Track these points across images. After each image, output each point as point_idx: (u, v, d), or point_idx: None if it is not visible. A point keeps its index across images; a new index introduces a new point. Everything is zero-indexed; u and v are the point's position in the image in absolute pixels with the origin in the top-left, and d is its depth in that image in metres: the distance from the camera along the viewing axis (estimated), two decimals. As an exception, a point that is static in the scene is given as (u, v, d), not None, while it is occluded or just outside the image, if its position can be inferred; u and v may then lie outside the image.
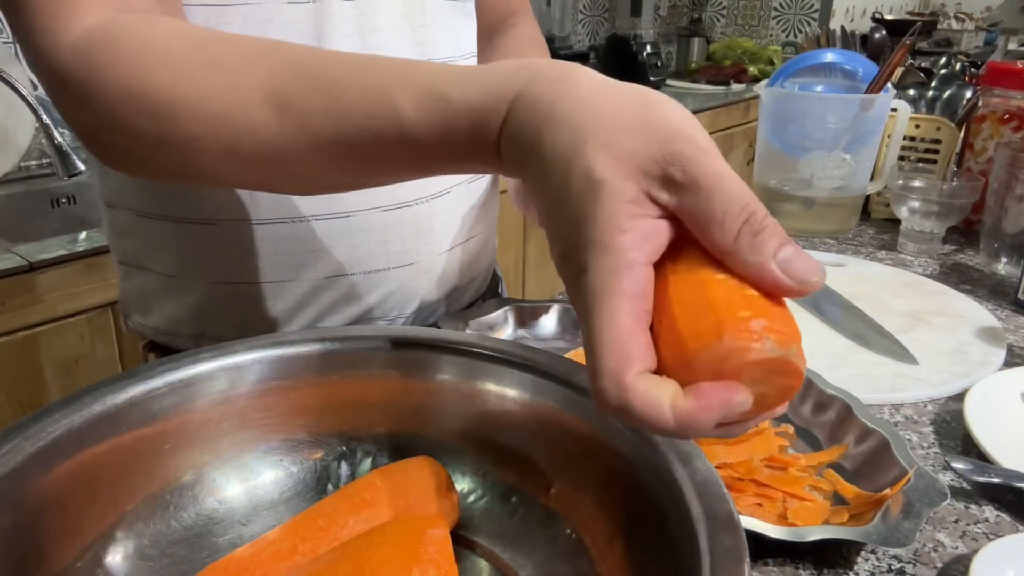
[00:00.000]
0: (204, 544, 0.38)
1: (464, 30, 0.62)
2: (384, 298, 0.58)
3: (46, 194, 1.47)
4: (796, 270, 0.27)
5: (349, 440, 0.43)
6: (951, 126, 0.98)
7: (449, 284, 0.63)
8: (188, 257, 0.56)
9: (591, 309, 0.27)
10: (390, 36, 0.55)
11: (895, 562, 0.43)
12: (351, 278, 0.56)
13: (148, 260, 0.58)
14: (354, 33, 0.53)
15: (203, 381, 0.40)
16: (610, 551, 0.35)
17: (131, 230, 0.58)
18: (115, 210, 0.58)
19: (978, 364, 0.65)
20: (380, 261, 0.57)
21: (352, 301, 0.57)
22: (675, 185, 0.27)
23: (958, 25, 3.85)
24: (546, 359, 0.41)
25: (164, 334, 0.60)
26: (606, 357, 0.26)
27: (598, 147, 0.28)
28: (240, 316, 0.57)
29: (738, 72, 2.85)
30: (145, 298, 0.60)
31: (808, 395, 0.56)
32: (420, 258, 0.59)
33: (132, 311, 0.62)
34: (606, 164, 0.28)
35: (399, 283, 0.58)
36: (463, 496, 0.41)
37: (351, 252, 0.56)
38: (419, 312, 0.62)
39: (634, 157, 0.28)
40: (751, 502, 0.46)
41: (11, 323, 1.09)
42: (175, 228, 0.55)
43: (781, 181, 0.99)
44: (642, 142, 0.28)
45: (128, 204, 0.56)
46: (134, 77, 0.38)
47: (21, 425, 0.34)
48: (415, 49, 0.56)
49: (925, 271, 0.87)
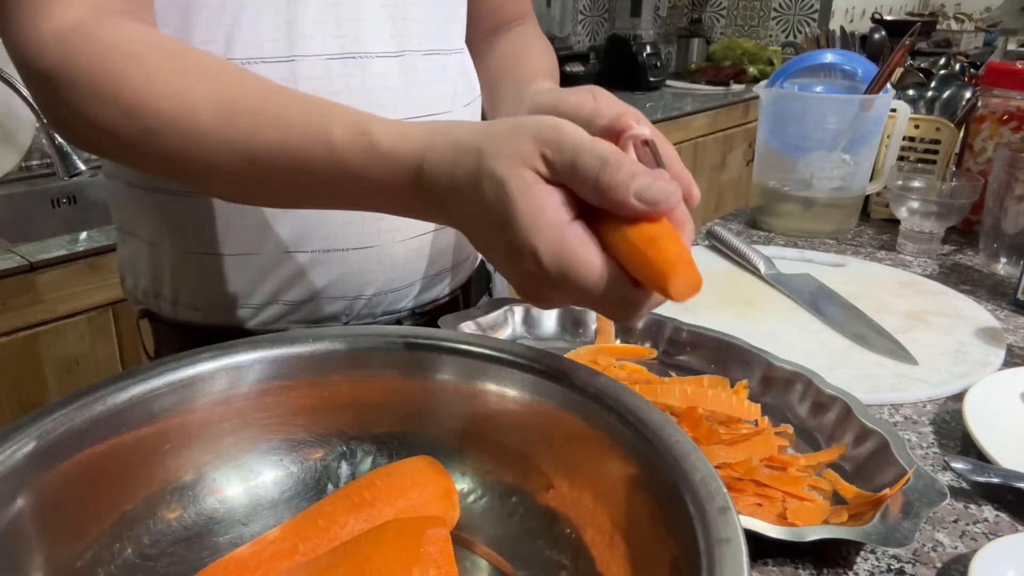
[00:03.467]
0: (204, 544, 0.38)
1: (450, 25, 0.62)
2: (342, 277, 0.60)
3: (47, 194, 1.47)
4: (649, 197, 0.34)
5: (349, 440, 0.43)
6: (950, 126, 0.98)
7: (418, 271, 0.64)
8: (164, 226, 0.59)
9: (566, 271, 0.34)
10: (369, 26, 0.56)
11: (894, 562, 0.43)
12: (310, 255, 0.58)
13: (136, 227, 0.62)
14: (328, 20, 0.54)
15: (203, 381, 0.40)
16: (610, 551, 0.35)
17: (123, 199, 0.62)
18: (112, 180, 0.62)
19: (978, 364, 0.65)
20: (339, 241, 0.58)
21: (310, 277, 0.59)
22: (552, 163, 0.35)
23: (957, 25, 3.85)
24: (546, 359, 0.41)
25: (151, 297, 0.63)
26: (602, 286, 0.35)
27: (492, 157, 0.36)
28: (206, 285, 0.59)
29: (738, 72, 2.85)
30: (135, 261, 0.63)
31: (808, 395, 0.56)
32: (381, 242, 0.59)
33: (126, 273, 0.66)
34: (502, 165, 0.35)
35: (358, 264, 0.59)
36: (463, 496, 0.41)
37: (309, 228, 0.57)
38: (383, 295, 0.62)
39: (518, 153, 0.35)
40: (751, 502, 0.46)
41: (11, 323, 1.10)
42: (155, 198, 0.58)
43: (781, 181, 0.99)
44: (519, 142, 0.36)
45: (121, 175, 0.60)
46: (102, 71, 0.43)
47: (21, 425, 0.34)
48: (395, 41, 0.57)
49: (925, 271, 0.87)
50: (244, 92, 0.43)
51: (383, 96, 0.56)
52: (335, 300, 0.60)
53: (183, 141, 0.42)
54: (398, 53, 0.57)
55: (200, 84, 0.43)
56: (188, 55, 0.44)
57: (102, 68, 0.42)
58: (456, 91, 0.62)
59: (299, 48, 0.53)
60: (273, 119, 0.42)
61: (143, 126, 0.42)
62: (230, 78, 0.43)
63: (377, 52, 0.56)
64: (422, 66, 0.59)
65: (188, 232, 0.58)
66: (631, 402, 0.37)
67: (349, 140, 0.40)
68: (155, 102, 0.42)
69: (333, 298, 0.60)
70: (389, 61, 0.57)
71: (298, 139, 0.41)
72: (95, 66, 0.42)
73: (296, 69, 0.53)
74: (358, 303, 0.61)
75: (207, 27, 0.52)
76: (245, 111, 0.42)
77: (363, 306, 0.61)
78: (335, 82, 0.54)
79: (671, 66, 3.18)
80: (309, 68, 0.54)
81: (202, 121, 0.42)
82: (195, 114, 0.42)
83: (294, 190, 0.43)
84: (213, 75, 0.43)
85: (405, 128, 0.40)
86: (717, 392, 0.54)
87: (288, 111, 0.42)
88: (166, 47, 0.44)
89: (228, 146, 0.42)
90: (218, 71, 0.44)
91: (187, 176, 0.46)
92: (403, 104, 0.58)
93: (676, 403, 0.53)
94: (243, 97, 0.42)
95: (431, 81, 0.60)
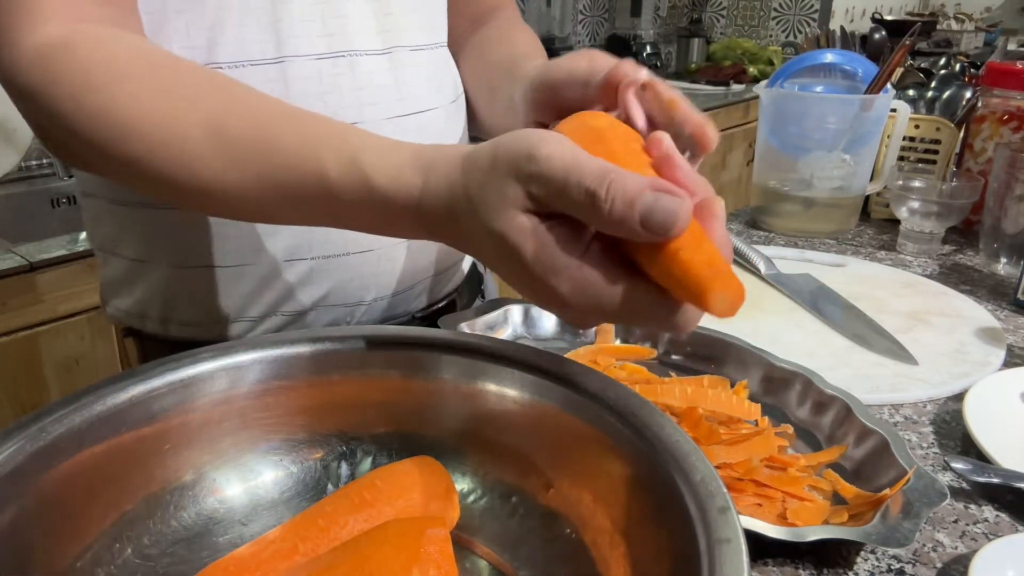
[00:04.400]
0: (204, 544, 0.38)
1: (434, 18, 0.62)
2: (342, 283, 0.58)
3: (46, 194, 1.47)
4: (656, 223, 0.30)
5: (349, 440, 0.43)
6: (951, 126, 0.98)
7: (417, 274, 0.63)
8: (152, 242, 0.57)
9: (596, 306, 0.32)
10: (354, 23, 0.55)
11: (895, 562, 0.43)
12: (309, 262, 0.57)
13: (119, 246, 0.59)
14: (315, 19, 0.53)
15: (203, 381, 0.40)
16: (610, 551, 0.35)
17: (104, 217, 0.59)
18: (91, 199, 0.60)
19: (978, 364, 0.65)
20: (338, 246, 0.57)
21: (310, 285, 0.58)
22: (540, 200, 0.32)
23: (958, 26, 3.85)
24: (546, 359, 0.41)
25: (136, 317, 0.61)
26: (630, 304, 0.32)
27: (482, 207, 0.33)
28: (201, 300, 0.57)
29: (738, 72, 2.85)
30: (119, 283, 0.61)
31: (808, 395, 0.56)
32: (381, 245, 0.58)
33: (109, 296, 0.63)
34: (496, 217, 0.33)
35: (358, 269, 0.58)
36: (463, 496, 0.41)
37: (308, 236, 0.56)
38: (384, 300, 0.61)
39: (505, 199, 0.33)
40: (751, 502, 0.46)
41: (11, 323, 1.10)
42: (141, 214, 0.56)
43: (781, 181, 0.99)
44: (501, 184, 0.33)
45: (101, 192, 0.58)
46: (87, 90, 0.41)
47: (21, 425, 0.34)
48: (380, 37, 0.56)
49: (925, 271, 0.87)
50: (235, 118, 0.41)
51: (374, 94, 0.56)
52: (335, 308, 0.59)
53: (172, 167, 0.41)
54: (385, 50, 0.56)
55: (189, 106, 0.41)
56: (175, 71, 0.42)
57: (87, 87, 0.41)
58: (442, 87, 0.62)
59: (287, 49, 0.52)
60: (266, 148, 0.40)
61: (130, 151, 0.41)
62: (221, 99, 0.41)
63: (364, 50, 0.55)
64: (410, 62, 0.58)
65: (179, 246, 0.56)
66: (631, 402, 0.37)
67: (342, 177, 0.38)
68: (143, 125, 0.41)
69: (334, 306, 0.59)
70: (377, 59, 0.56)
71: (293, 173, 0.39)
72: (80, 84, 0.41)
73: (285, 70, 0.52)
74: (358, 310, 0.60)
75: (188, 31, 0.50)
76: (235, 138, 0.40)
77: (363, 313, 0.61)
78: (325, 82, 0.53)
79: (671, 66, 3.18)
80: (299, 69, 0.52)
81: (192, 148, 0.40)
82: (184, 141, 0.40)
83: (289, 216, 0.42)
84: (202, 95, 0.41)
85: (398, 164, 0.38)
86: (717, 392, 0.54)
87: (279, 137, 0.40)
88: (152, 62, 0.42)
89: (219, 174, 0.41)
90: (207, 90, 0.42)
91: (178, 198, 0.45)
92: (394, 102, 0.57)
93: (676, 403, 0.53)
94: (234, 124, 0.41)
95: (420, 77, 0.59)
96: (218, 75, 0.43)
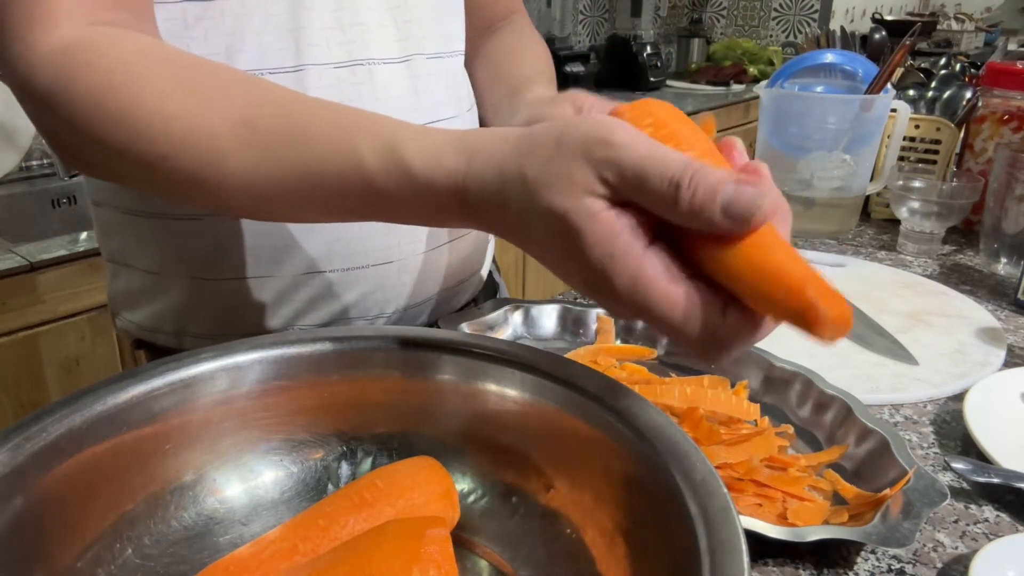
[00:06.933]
0: (204, 544, 0.38)
1: (451, 26, 0.62)
2: (363, 296, 0.58)
3: (47, 194, 1.47)
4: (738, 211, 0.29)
5: (349, 440, 0.43)
6: (951, 127, 0.98)
7: (435, 285, 0.62)
8: (170, 253, 0.56)
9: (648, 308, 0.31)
10: (372, 31, 0.54)
11: (895, 562, 0.43)
12: (329, 275, 0.56)
13: (132, 257, 0.58)
14: (334, 27, 0.52)
15: (204, 381, 0.40)
16: (610, 551, 0.35)
17: (117, 228, 0.58)
18: (102, 208, 0.58)
19: (978, 364, 0.65)
20: (359, 258, 0.56)
21: (330, 298, 0.57)
22: (615, 186, 0.31)
23: (958, 26, 3.85)
24: (546, 359, 0.41)
25: (148, 331, 0.60)
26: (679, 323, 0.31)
27: (544, 187, 0.32)
28: (219, 313, 0.56)
29: (738, 73, 2.85)
30: (131, 296, 0.60)
31: (808, 395, 0.56)
32: (401, 256, 0.58)
33: (120, 309, 0.62)
34: (559, 196, 0.31)
35: (378, 281, 0.58)
36: (463, 496, 0.41)
37: (329, 248, 0.55)
38: (403, 312, 0.61)
39: (573, 180, 0.31)
40: (751, 502, 0.46)
41: (11, 323, 1.10)
42: (157, 224, 0.55)
43: (781, 182, 0.99)
44: (570, 167, 0.31)
45: (114, 202, 0.57)
46: (107, 88, 0.39)
47: (21, 425, 0.34)
48: (399, 45, 0.56)
49: (925, 271, 0.87)
50: (264, 110, 0.39)
51: (392, 103, 0.55)
52: (355, 321, 0.58)
53: (200, 164, 0.39)
54: (403, 58, 0.56)
55: (215, 102, 0.39)
56: (199, 68, 0.41)
57: (107, 86, 0.39)
58: (460, 96, 0.62)
59: (307, 57, 0.51)
60: (298, 140, 0.38)
61: (156, 150, 0.39)
62: (247, 93, 0.40)
63: (383, 58, 0.55)
64: (427, 71, 0.58)
65: (197, 258, 0.55)
66: (631, 402, 0.37)
67: (381, 166, 0.36)
68: (168, 123, 0.39)
69: (354, 319, 0.58)
70: (396, 67, 0.56)
71: (327, 164, 0.38)
72: (99, 84, 0.39)
73: (304, 79, 0.51)
74: (378, 323, 0.60)
75: (207, 38, 0.49)
76: (265, 131, 0.38)
77: (386, 323, 0.60)
78: (344, 90, 0.53)
79: (671, 66, 3.19)
80: (317, 77, 0.52)
81: (220, 143, 0.39)
82: (211, 136, 0.39)
83: (320, 211, 0.40)
84: (227, 90, 0.40)
85: (438, 147, 0.36)
86: (717, 392, 0.54)
87: (311, 128, 0.38)
88: (174, 61, 0.41)
89: (250, 169, 0.39)
90: (233, 85, 0.40)
91: (204, 199, 0.42)
92: (411, 111, 0.56)
93: (676, 403, 0.53)
94: (261, 114, 0.39)
95: (437, 86, 0.59)
96: (241, 72, 0.42)
